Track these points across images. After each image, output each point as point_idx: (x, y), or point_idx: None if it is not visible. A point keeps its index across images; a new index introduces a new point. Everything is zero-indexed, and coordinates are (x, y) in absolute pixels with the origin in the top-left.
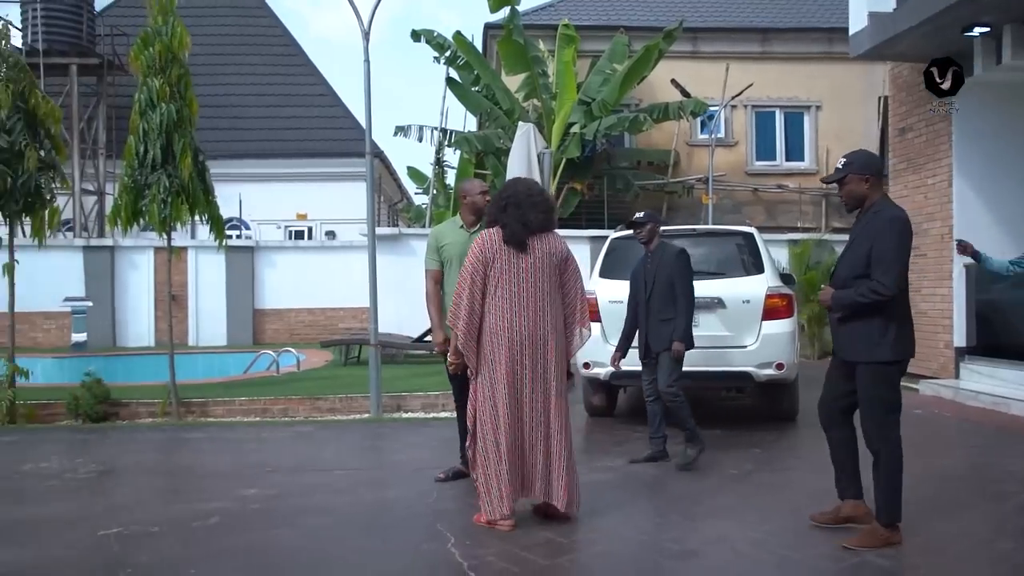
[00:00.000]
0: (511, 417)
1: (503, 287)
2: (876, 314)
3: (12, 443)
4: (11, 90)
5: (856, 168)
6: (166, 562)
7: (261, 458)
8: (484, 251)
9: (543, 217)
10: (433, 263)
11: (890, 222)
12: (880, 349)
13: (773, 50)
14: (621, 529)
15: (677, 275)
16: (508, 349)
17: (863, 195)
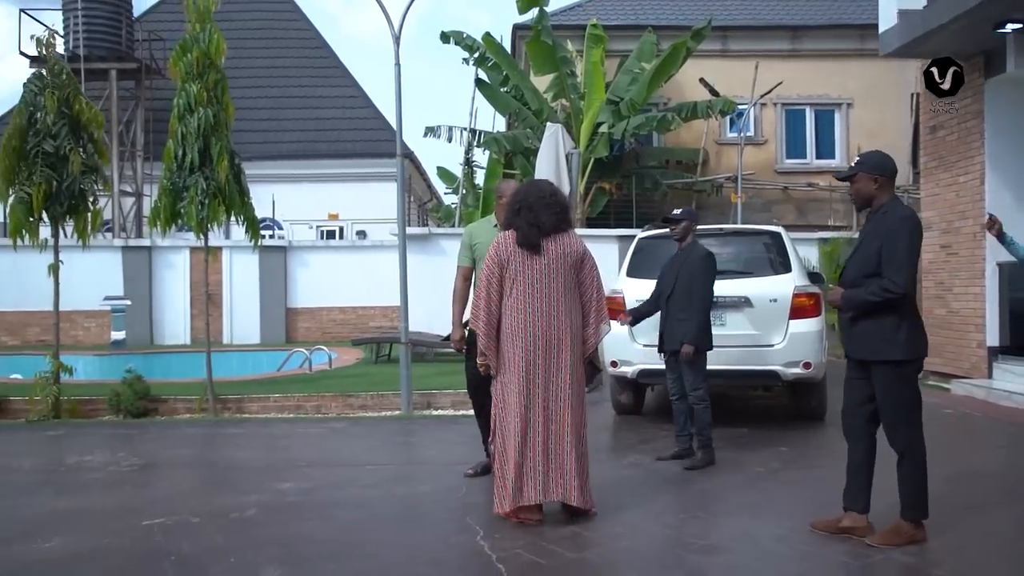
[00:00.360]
0: (526, 415)
1: (518, 288)
2: (887, 313)
3: (57, 437)
4: (57, 97)
5: (867, 168)
6: (207, 551)
7: (295, 453)
8: (499, 254)
9: (556, 218)
10: (465, 260)
11: (901, 221)
12: (893, 348)
13: (803, 47)
14: (646, 524)
15: (698, 277)
16: (523, 349)
17: (871, 195)
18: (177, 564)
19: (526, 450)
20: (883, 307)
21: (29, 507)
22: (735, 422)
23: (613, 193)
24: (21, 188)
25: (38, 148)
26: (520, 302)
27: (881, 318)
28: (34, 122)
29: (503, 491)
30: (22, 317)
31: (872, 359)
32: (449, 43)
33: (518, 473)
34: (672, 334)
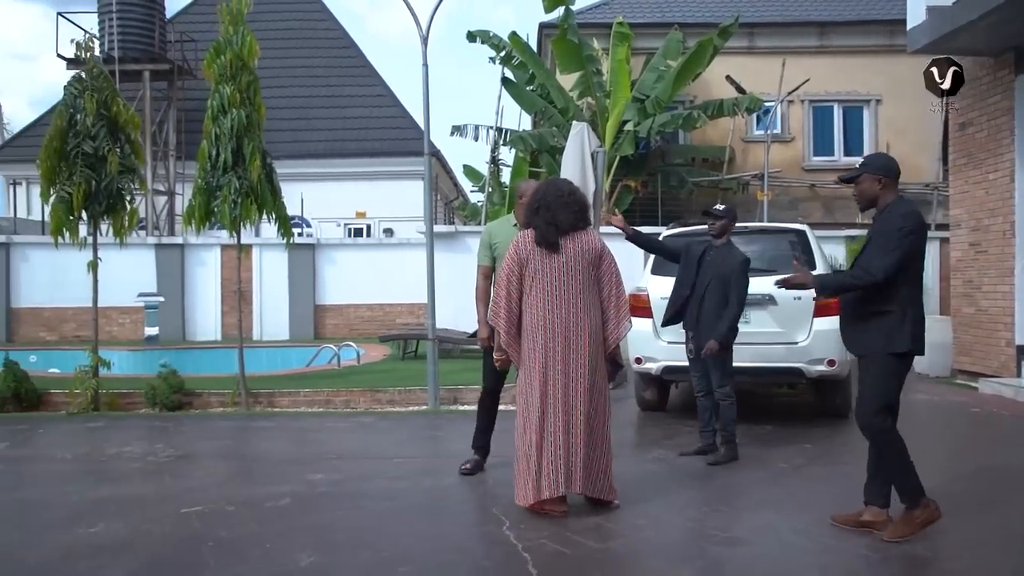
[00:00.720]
0: (546, 409)
1: (537, 286)
2: (892, 305)
3: (97, 429)
4: (96, 99)
5: (872, 168)
6: (243, 537)
7: (325, 446)
8: (518, 252)
9: (573, 217)
10: (485, 259)
11: (902, 217)
12: (899, 339)
13: (831, 44)
14: (669, 517)
15: (736, 283)
16: (543, 345)
17: (875, 195)
18: (215, 549)
19: (547, 444)
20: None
21: (73, 495)
22: (760, 419)
23: (639, 191)
24: (62, 188)
25: (78, 149)
26: (539, 299)
27: (886, 311)
28: (74, 124)
29: (526, 483)
30: (59, 313)
31: (877, 351)
32: (476, 42)
33: (540, 466)
34: (706, 333)
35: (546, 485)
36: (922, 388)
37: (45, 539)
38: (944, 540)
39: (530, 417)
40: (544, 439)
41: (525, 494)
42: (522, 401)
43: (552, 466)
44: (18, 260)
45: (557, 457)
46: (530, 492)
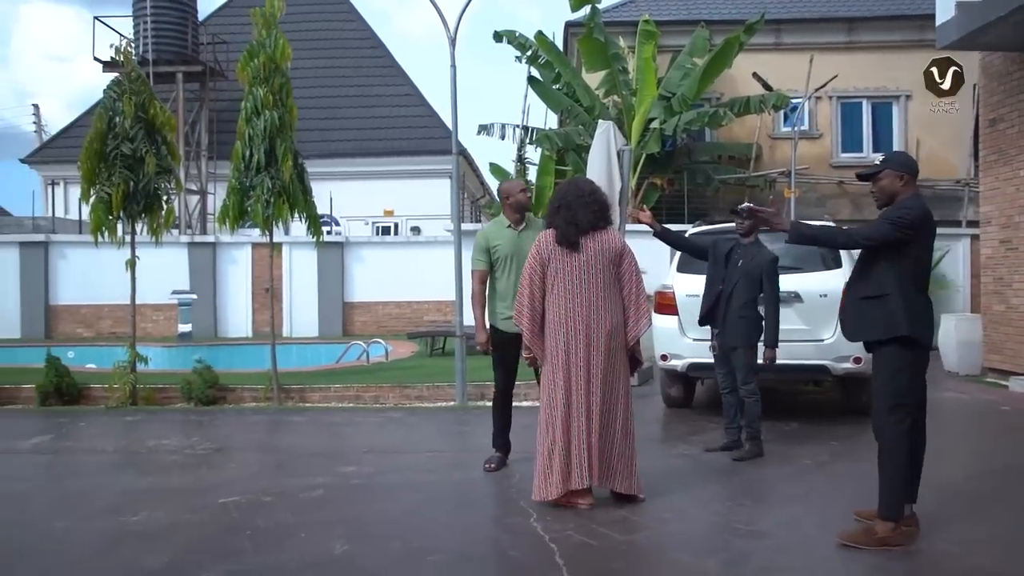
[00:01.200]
0: (570, 406)
1: (559, 285)
2: (890, 292)
3: (135, 422)
4: (134, 102)
5: (894, 165)
6: (280, 527)
7: (357, 440)
8: (540, 252)
9: (594, 216)
10: (480, 263)
11: (901, 207)
12: (894, 324)
13: (860, 39)
14: (694, 510)
15: (768, 280)
16: (564, 343)
17: (896, 192)
18: (253, 538)
19: (571, 439)
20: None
21: (116, 485)
22: (786, 416)
23: (665, 189)
24: (102, 188)
25: (117, 150)
26: (561, 298)
27: (885, 298)
28: (113, 126)
29: (547, 479)
30: (95, 310)
31: (879, 338)
32: (502, 42)
33: (568, 460)
34: (735, 331)
35: (574, 477)
36: (952, 386)
37: (92, 527)
38: (970, 536)
39: (554, 414)
40: (570, 435)
41: (546, 489)
42: (545, 398)
43: (577, 460)
44: (56, 258)
45: (582, 452)
46: (552, 487)
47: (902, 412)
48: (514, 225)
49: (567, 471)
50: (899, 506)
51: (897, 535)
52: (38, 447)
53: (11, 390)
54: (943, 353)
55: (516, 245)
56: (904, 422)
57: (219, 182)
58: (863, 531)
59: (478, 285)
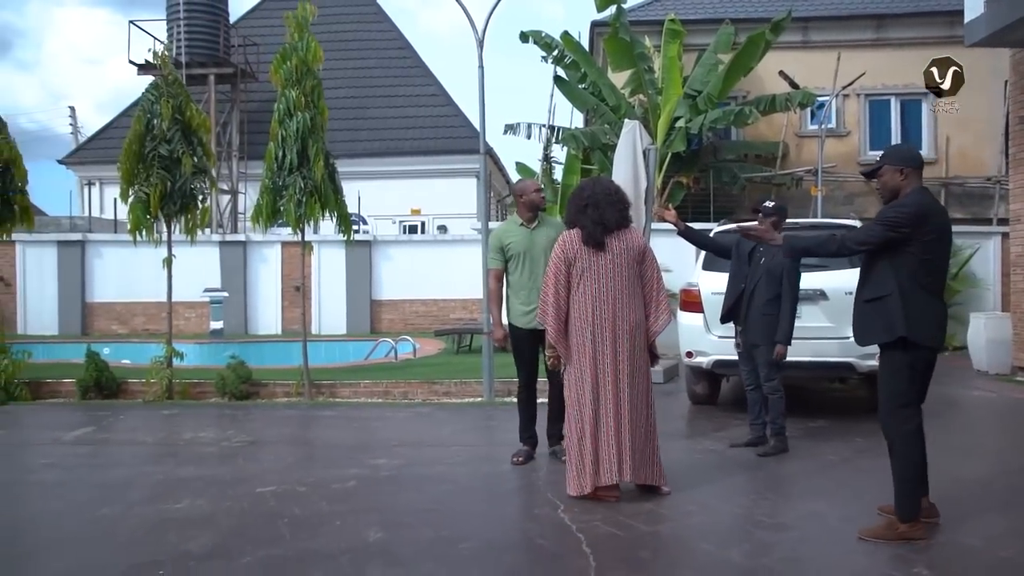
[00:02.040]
0: (597, 402)
1: (585, 283)
2: (885, 292)
3: (173, 416)
4: (171, 104)
5: (893, 160)
6: (315, 515)
7: (387, 434)
8: (565, 251)
9: (619, 215)
10: (495, 262)
11: (895, 207)
12: (892, 326)
13: (888, 36)
14: (718, 503)
15: (788, 279)
16: (591, 340)
17: (898, 187)
18: (290, 525)
19: (600, 434)
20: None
21: (157, 474)
22: (812, 414)
23: (691, 187)
24: (140, 188)
25: (155, 152)
26: (587, 296)
27: (884, 302)
28: (151, 128)
29: (581, 473)
30: (129, 307)
31: (880, 341)
32: (528, 42)
33: (595, 456)
34: (758, 328)
35: (604, 473)
36: (981, 385)
37: (137, 513)
38: (994, 530)
39: (582, 410)
40: (598, 431)
41: (580, 484)
42: (573, 395)
43: (607, 455)
44: (92, 257)
45: (610, 447)
46: (586, 482)
47: (906, 412)
48: (527, 223)
49: (596, 467)
50: (915, 506)
51: (918, 529)
52: (81, 438)
53: (53, 384)
54: (972, 352)
55: (529, 243)
56: (910, 422)
57: (250, 182)
58: (885, 526)
59: (494, 283)
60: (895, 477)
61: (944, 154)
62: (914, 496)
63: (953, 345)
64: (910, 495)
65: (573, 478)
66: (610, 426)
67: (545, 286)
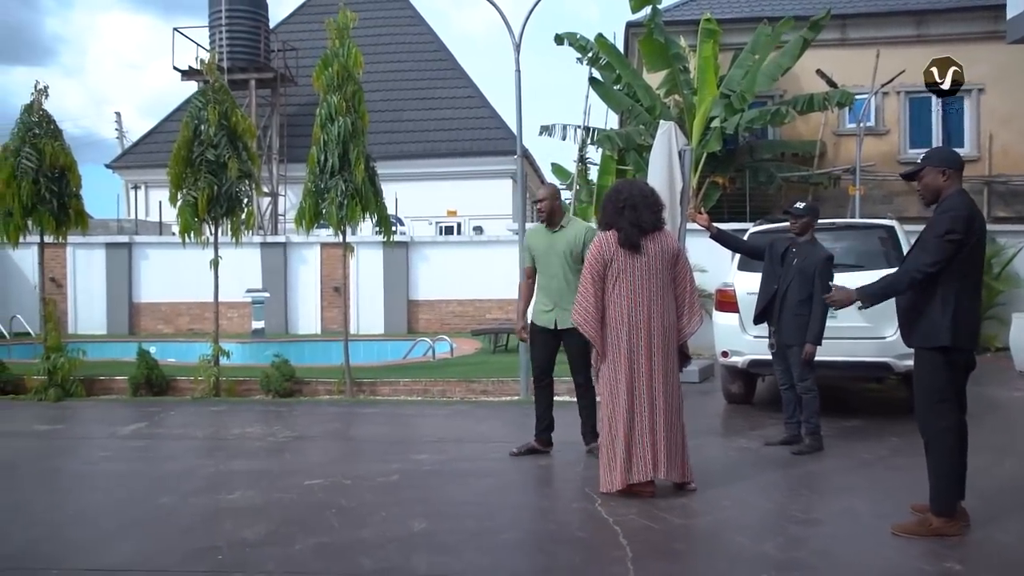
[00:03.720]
0: (632, 399)
1: (621, 284)
2: (935, 299)
3: (220, 412)
4: (217, 111)
5: (934, 161)
6: (362, 506)
7: (427, 431)
8: (602, 252)
9: (655, 217)
10: (527, 261)
11: (950, 219)
12: (939, 333)
13: (929, 33)
14: (752, 499)
15: (820, 279)
16: (627, 339)
17: (939, 188)
18: (338, 515)
19: (634, 431)
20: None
21: (209, 467)
22: (847, 413)
23: (726, 187)
24: (188, 192)
25: (202, 157)
26: (624, 296)
27: (930, 305)
28: (198, 134)
29: (613, 470)
30: (174, 307)
31: (921, 345)
32: (563, 45)
33: (629, 453)
34: (791, 329)
35: (636, 470)
36: (1022, 386)
37: (192, 503)
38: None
39: (617, 409)
40: (632, 429)
41: (611, 480)
42: (607, 393)
43: (640, 453)
44: (139, 258)
45: (644, 444)
46: (617, 479)
47: (943, 408)
48: (549, 226)
49: (629, 464)
50: (951, 501)
51: (952, 526)
52: (136, 433)
53: (106, 381)
54: (1014, 353)
55: (548, 244)
56: (946, 418)
57: (290, 184)
58: (918, 523)
59: (524, 279)
60: (931, 473)
61: (987, 152)
62: (949, 493)
63: (995, 346)
64: (945, 491)
65: (604, 475)
66: (644, 424)
67: (582, 286)
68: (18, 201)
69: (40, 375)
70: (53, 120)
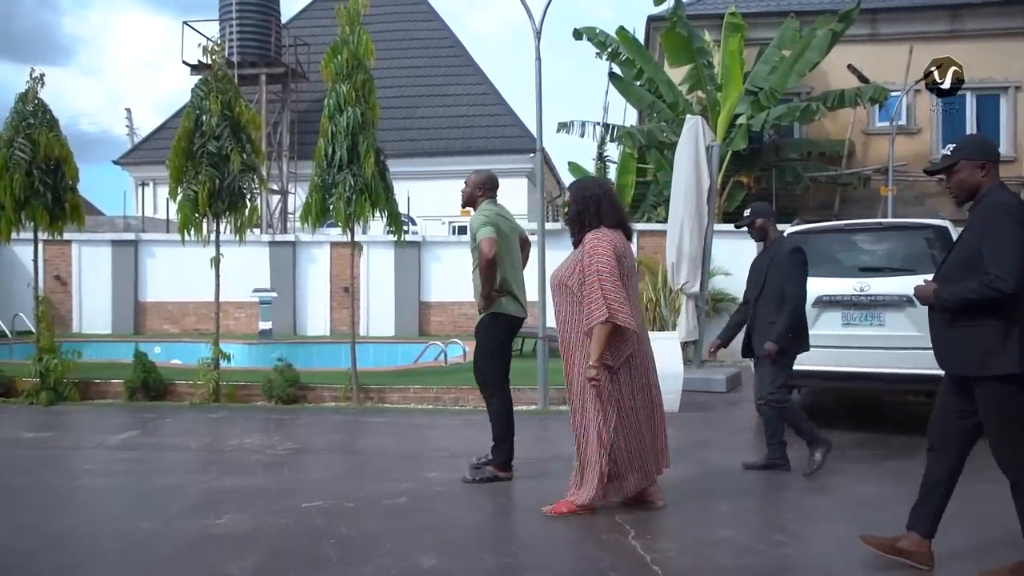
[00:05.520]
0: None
1: (630, 285)
2: (992, 316)
3: (219, 419)
4: (220, 100)
5: (970, 153)
6: (364, 535)
7: (438, 443)
8: (616, 248)
9: None
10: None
11: (997, 208)
12: (1001, 359)
13: (964, 28)
14: (809, 532)
15: (787, 277)
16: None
17: (976, 184)
18: (337, 547)
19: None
20: (986, 309)
21: (199, 484)
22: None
23: (751, 187)
24: (188, 186)
25: (203, 148)
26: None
27: (984, 322)
28: (200, 124)
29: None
30: (181, 307)
31: (975, 375)
32: (582, 40)
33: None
34: (762, 339)
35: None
36: None
37: (176, 528)
38: None
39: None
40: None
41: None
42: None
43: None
44: (145, 256)
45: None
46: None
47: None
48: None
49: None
50: None
51: None
52: (126, 442)
53: (101, 385)
54: None
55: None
56: None
57: (300, 182)
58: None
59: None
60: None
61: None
62: None
63: None
64: None
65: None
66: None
67: (614, 289)
68: (10, 194)
69: (32, 377)
70: (49, 110)
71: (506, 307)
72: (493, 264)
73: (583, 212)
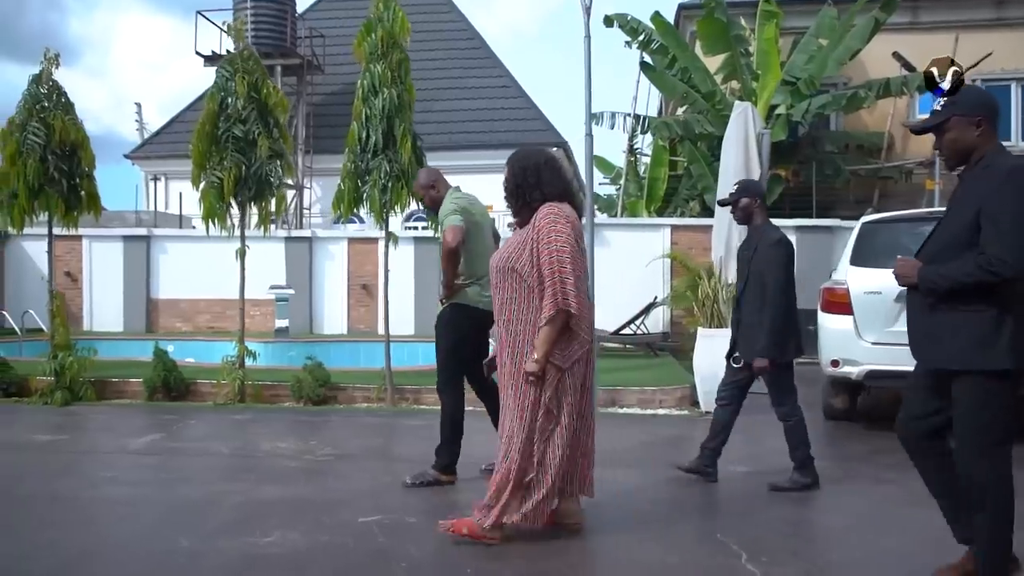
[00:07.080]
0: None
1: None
2: (983, 302)
3: (246, 421)
4: (246, 82)
5: (964, 108)
6: (437, 557)
7: (486, 449)
8: (575, 228)
9: None
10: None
11: (1008, 174)
12: (995, 353)
13: (1010, 16)
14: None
15: (769, 272)
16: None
17: (971, 145)
18: (411, 571)
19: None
20: (975, 293)
21: (237, 494)
22: None
23: (790, 181)
24: (212, 173)
25: (229, 133)
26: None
27: (978, 311)
28: (225, 107)
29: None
30: (193, 304)
31: (964, 368)
32: (612, 27)
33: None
34: (747, 341)
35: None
36: None
37: (219, 547)
38: None
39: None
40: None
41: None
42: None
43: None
44: (157, 252)
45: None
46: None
47: (1004, 452)
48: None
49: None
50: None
51: None
52: (149, 447)
53: (119, 384)
54: None
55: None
56: (1007, 464)
57: (316, 176)
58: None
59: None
60: (988, 535)
61: None
62: (1009, 555)
63: None
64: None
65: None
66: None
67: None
68: (23, 181)
69: (47, 376)
70: (64, 92)
71: (470, 297)
72: (455, 253)
73: (521, 185)
